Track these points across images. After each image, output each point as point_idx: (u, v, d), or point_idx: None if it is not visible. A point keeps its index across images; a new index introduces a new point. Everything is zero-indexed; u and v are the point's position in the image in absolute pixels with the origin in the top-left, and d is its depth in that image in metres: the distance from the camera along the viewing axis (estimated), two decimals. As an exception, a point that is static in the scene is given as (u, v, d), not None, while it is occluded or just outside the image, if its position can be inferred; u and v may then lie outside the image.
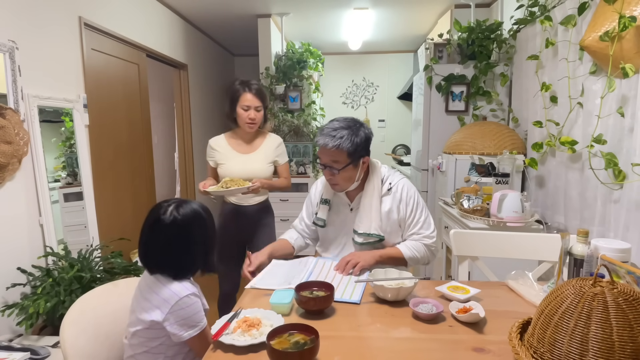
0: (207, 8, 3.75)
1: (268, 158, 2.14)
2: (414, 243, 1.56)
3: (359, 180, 1.57)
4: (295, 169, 4.02)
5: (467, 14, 3.40)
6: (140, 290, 1.17)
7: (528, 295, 1.27)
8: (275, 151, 2.17)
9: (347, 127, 1.48)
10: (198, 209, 1.20)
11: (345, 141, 1.45)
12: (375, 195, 1.55)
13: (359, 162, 1.52)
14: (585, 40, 1.77)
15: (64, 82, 2.34)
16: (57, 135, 2.33)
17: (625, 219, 1.62)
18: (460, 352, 0.97)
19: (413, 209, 1.57)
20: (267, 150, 2.14)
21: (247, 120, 2.04)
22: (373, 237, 1.53)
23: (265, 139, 2.18)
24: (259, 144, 2.16)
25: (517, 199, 1.98)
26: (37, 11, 2.12)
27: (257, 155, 2.12)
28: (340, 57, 5.59)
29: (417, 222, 1.57)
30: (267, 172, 2.12)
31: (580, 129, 1.95)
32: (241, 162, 2.09)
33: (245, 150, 2.13)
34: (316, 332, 0.96)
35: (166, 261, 1.16)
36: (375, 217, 1.53)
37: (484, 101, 2.95)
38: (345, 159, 1.48)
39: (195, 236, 1.17)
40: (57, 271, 1.98)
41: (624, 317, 0.74)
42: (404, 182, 1.60)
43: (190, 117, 4.19)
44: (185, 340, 1.12)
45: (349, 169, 1.50)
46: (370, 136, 1.55)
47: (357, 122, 1.53)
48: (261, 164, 2.11)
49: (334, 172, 1.50)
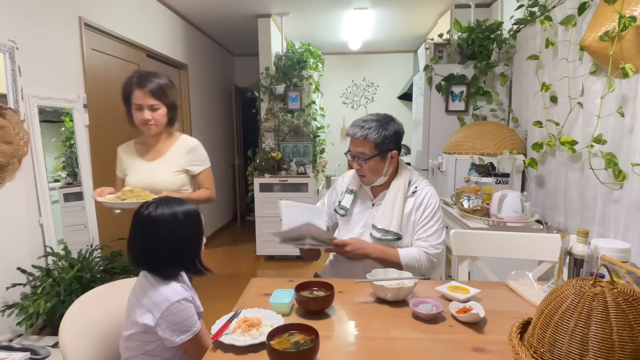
0: (207, 8, 3.75)
1: (174, 166, 1.77)
2: (417, 252, 1.53)
3: (387, 176, 1.58)
4: (296, 169, 4.02)
5: (467, 14, 3.40)
6: (134, 292, 1.16)
7: (528, 295, 1.27)
8: (185, 158, 1.79)
9: (377, 120, 1.52)
10: (177, 211, 1.17)
11: (372, 132, 1.49)
12: (400, 195, 1.56)
13: (387, 155, 1.54)
14: (585, 40, 1.77)
15: (64, 82, 2.34)
16: (57, 135, 2.33)
17: (625, 219, 1.62)
18: (460, 352, 0.97)
19: (429, 215, 1.55)
20: (173, 157, 1.78)
21: (140, 122, 1.72)
22: (391, 234, 1.53)
23: (173, 143, 1.81)
24: (165, 150, 1.80)
25: (517, 199, 1.98)
26: (37, 11, 2.12)
27: (160, 163, 1.77)
28: (340, 57, 5.59)
29: (428, 228, 1.55)
30: (173, 184, 1.75)
31: (580, 129, 1.95)
32: (145, 171, 1.75)
33: (151, 158, 1.79)
34: (316, 332, 0.96)
35: (141, 256, 1.16)
36: (396, 215, 1.54)
37: (484, 101, 2.95)
38: (373, 150, 1.51)
39: (164, 233, 1.14)
40: (57, 271, 1.98)
41: (624, 317, 0.74)
42: (429, 189, 1.60)
43: (190, 117, 4.19)
44: (177, 345, 1.12)
45: (376, 160, 1.52)
46: (401, 131, 1.57)
47: (388, 117, 1.56)
48: (164, 174, 1.75)
49: (361, 163, 1.53)
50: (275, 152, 3.94)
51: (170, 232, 1.14)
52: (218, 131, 5.18)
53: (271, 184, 3.92)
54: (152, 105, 1.70)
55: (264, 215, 3.95)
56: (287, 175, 3.92)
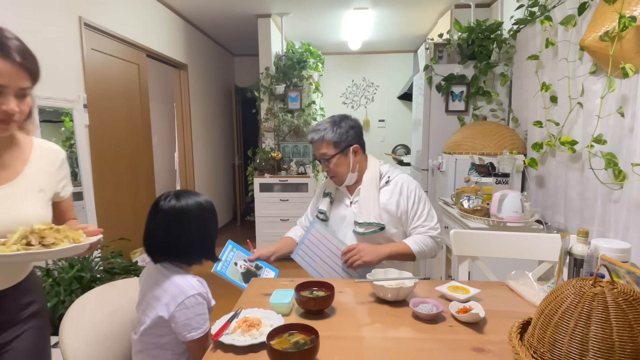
0: (207, 8, 3.75)
1: (44, 191, 1.08)
2: (421, 237, 1.57)
3: (356, 172, 1.61)
4: (296, 169, 4.02)
5: (467, 14, 3.40)
6: (148, 285, 1.17)
7: (528, 295, 1.27)
8: (55, 176, 1.13)
9: (330, 121, 1.60)
10: (200, 200, 1.22)
11: (327, 132, 1.57)
12: (373, 186, 1.59)
13: (348, 150, 1.59)
14: (585, 40, 1.77)
15: (64, 82, 2.34)
16: (57, 135, 2.33)
17: (625, 219, 1.62)
18: (460, 352, 0.97)
19: (415, 201, 1.59)
20: (37, 174, 1.08)
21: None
22: (373, 225, 1.54)
23: (28, 152, 1.08)
24: (19, 163, 1.05)
25: (517, 199, 1.98)
26: (37, 11, 2.12)
27: (20, 187, 1.03)
28: (340, 57, 5.59)
29: (420, 214, 1.60)
30: (47, 219, 1.06)
31: (580, 129, 1.95)
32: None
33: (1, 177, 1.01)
34: (316, 332, 0.95)
35: (164, 247, 1.18)
36: (374, 206, 1.56)
37: (484, 101, 2.95)
38: (333, 149, 1.57)
39: (190, 223, 1.18)
40: (57, 271, 1.98)
41: (624, 317, 0.74)
42: (403, 177, 1.64)
43: (190, 117, 4.19)
44: (187, 341, 1.12)
45: (339, 158, 1.58)
46: (355, 125, 1.62)
47: (342, 116, 1.63)
48: (33, 207, 1.05)
49: (327, 164, 1.59)
50: (275, 152, 3.94)
51: (196, 222, 1.19)
52: (218, 131, 5.18)
53: (271, 184, 3.92)
54: (24, 90, 0.98)
55: (264, 215, 3.95)
56: (287, 175, 3.92)
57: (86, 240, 1.00)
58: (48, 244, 0.93)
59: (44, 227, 0.96)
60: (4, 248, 0.91)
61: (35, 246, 0.92)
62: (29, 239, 0.93)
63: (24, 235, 0.93)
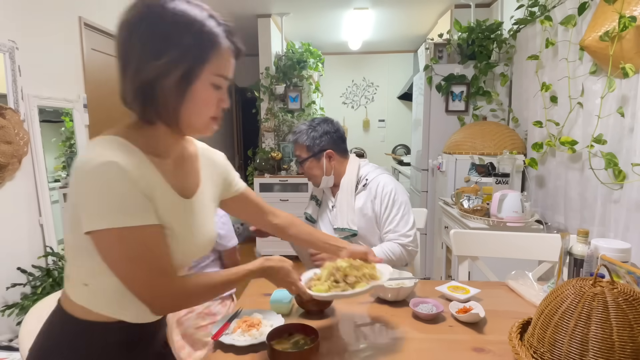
0: (207, 8, 3.75)
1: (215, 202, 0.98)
2: (389, 244, 1.53)
3: (331, 175, 1.62)
4: (296, 169, 4.01)
5: (467, 14, 3.40)
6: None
7: (528, 295, 1.27)
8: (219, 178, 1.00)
9: (308, 124, 1.61)
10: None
11: (302, 135, 1.59)
12: (348, 192, 1.59)
13: (321, 155, 1.59)
14: (585, 40, 1.77)
15: (64, 82, 2.34)
16: (57, 135, 2.33)
17: (625, 219, 1.62)
18: (460, 352, 0.97)
19: (387, 205, 1.54)
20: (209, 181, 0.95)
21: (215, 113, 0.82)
22: (345, 231, 1.55)
23: (194, 153, 0.94)
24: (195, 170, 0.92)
25: (517, 199, 1.98)
26: (37, 11, 2.12)
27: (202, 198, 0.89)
28: (340, 57, 5.59)
29: (392, 219, 1.54)
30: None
31: (580, 129, 1.95)
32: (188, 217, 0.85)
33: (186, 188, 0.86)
34: (316, 332, 0.95)
35: None
36: (348, 212, 1.56)
37: (484, 101, 2.95)
38: (306, 152, 1.60)
39: None
40: (57, 271, 1.98)
41: (624, 317, 0.74)
42: (381, 179, 1.58)
43: (190, 117, 4.18)
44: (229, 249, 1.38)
45: (311, 161, 1.60)
46: (332, 130, 1.60)
47: (322, 119, 1.63)
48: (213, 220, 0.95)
49: (300, 166, 1.63)
50: (275, 152, 3.94)
51: None
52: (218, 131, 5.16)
53: (271, 184, 3.92)
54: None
55: (264, 215, 3.94)
56: (287, 175, 3.92)
57: (383, 276, 1.00)
58: (351, 283, 0.96)
59: (345, 265, 0.99)
60: (320, 286, 0.96)
61: (341, 285, 0.96)
62: (335, 277, 0.97)
63: (332, 272, 0.98)
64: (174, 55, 0.70)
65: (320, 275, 1.00)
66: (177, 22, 0.69)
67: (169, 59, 0.69)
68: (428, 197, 3.13)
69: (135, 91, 0.72)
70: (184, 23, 0.70)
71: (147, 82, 0.71)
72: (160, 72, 0.70)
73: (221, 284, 0.83)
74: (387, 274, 1.00)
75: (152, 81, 0.71)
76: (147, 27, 0.70)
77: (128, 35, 0.71)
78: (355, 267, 1.00)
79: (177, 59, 0.70)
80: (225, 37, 0.75)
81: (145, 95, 0.72)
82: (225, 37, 0.75)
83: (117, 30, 0.72)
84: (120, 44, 0.73)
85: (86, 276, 0.75)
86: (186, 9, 0.70)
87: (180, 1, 0.71)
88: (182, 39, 0.70)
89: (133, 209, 0.69)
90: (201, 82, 0.73)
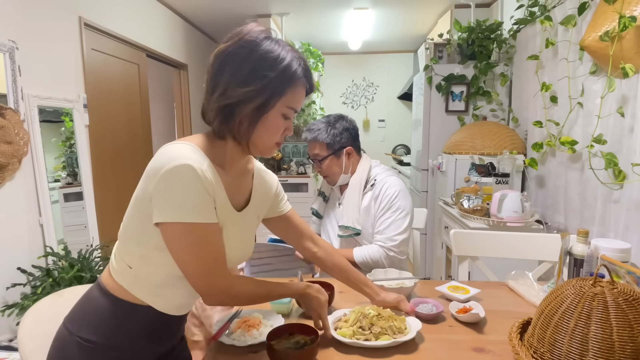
0: (207, 8, 3.75)
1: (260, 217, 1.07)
2: (370, 247, 1.52)
3: (348, 173, 1.60)
4: (296, 169, 4.02)
5: (467, 14, 3.40)
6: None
7: (528, 295, 1.27)
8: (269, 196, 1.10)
9: (325, 121, 1.57)
10: None
11: (321, 133, 1.55)
12: (356, 190, 1.57)
13: (341, 152, 1.57)
14: (585, 40, 1.77)
15: (64, 82, 2.34)
16: (57, 135, 2.33)
17: (625, 219, 1.62)
18: (460, 352, 0.97)
19: (384, 207, 1.53)
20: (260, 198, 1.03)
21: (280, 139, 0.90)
22: (350, 230, 1.54)
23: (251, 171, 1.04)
24: (247, 186, 0.99)
25: (517, 199, 1.98)
26: (37, 11, 2.12)
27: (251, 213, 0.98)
28: (340, 57, 5.59)
29: (384, 221, 1.52)
30: None
31: (580, 129, 1.95)
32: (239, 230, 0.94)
33: (240, 201, 0.95)
34: (316, 332, 0.96)
35: None
36: (353, 210, 1.55)
37: (484, 101, 2.95)
38: (325, 150, 1.56)
39: None
40: (57, 271, 1.98)
41: (624, 317, 0.74)
42: (387, 180, 1.57)
43: (190, 117, 4.19)
44: None
45: (331, 159, 1.57)
46: (350, 127, 1.59)
47: (338, 116, 1.60)
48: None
49: (319, 164, 1.58)
50: (275, 152, 3.94)
51: None
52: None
53: (271, 184, 3.92)
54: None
55: (264, 215, 3.94)
56: (287, 175, 3.92)
57: (411, 331, 0.99)
58: (376, 333, 0.98)
59: (374, 314, 1.01)
60: (345, 330, 1.00)
61: (366, 333, 0.98)
62: (362, 324, 1.00)
63: (359, 319, 1.01)
64: (258, 86, 0.80)
65: (349, 317, 1.03)
66: (265, 58, 0.80)
67: (252, 89, 0.80)
68: (428, 197, 3.13)
69: (217, 110, 0.82)
70: (271, 60, 0.80)
71: (229, 105, 0.81)
72: (242, 98, 0.80)
73: (264, 295, 0.92)
74: (415, 328, 1.00)
75: (234, 105, 0.81)
76: (240, 59, 0.80)
77: (222, 63, 0.81)
78: (384, 317, 1.00)
79: (259, 90, 0.80)
80: (302, 76, 0.85)
81: (225, 115, 0.82)
82: (302, 76, 0.85)
83: (212, 56, 0.82)
84: (213, 69, 0.82)
85: (132, 260, 0.84)
86: (274, 49, 0.81)
87: (272, 41, 0.82)
88: (266, 74, 0.80)
89: (201, 208, 0.78)
90: (274, 112, 0.84)
